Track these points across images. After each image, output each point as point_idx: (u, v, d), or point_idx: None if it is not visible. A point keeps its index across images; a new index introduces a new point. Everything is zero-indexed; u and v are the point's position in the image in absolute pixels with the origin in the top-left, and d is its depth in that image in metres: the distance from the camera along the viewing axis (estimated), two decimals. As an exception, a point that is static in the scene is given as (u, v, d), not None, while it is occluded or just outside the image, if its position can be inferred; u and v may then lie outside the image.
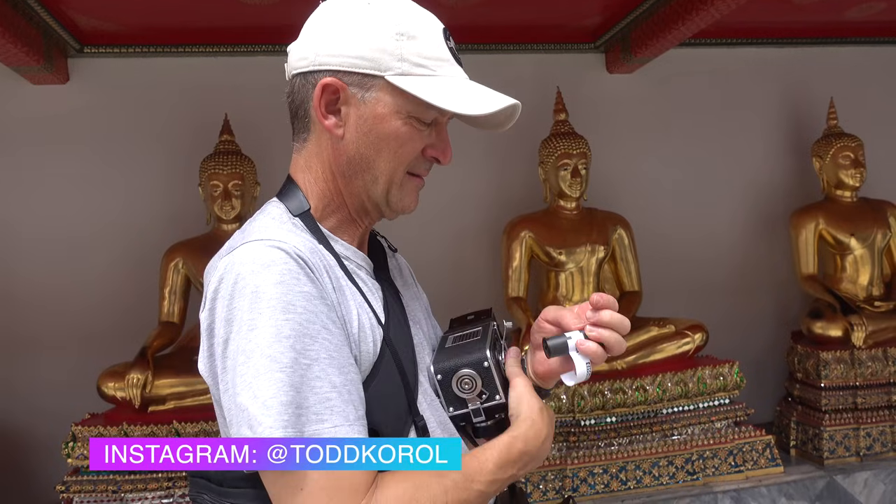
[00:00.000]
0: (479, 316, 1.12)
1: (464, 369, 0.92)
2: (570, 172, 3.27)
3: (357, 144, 0.95)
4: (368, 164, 0.95)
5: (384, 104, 0.93)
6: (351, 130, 0.94)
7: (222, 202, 3.04)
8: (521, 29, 3.55)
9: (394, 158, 0.95)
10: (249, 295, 0.83)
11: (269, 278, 0.83)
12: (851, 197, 3.56)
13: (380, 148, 0.94)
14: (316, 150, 0.98)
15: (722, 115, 3.88)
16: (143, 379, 2.77)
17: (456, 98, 0.92)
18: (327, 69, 0.93)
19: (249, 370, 0.81)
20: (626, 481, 2.91)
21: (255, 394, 0.80)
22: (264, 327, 0.81)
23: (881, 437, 3.19)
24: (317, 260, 0.89)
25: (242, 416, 0.81)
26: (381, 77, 0.92)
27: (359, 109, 0.93)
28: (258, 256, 0.85)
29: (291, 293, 0.83)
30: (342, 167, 0.97)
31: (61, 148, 3.34)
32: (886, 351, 3.24)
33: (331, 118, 0.94)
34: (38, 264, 3.30)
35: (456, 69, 0.95)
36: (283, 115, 1.03)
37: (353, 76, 0.92)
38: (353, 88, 0.93)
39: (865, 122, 3.76)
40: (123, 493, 2.69)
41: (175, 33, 3.31)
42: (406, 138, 0.94)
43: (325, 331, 0.84)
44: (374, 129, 0.94)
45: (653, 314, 3.33)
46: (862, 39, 3.99)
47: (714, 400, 3.05)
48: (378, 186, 0.97)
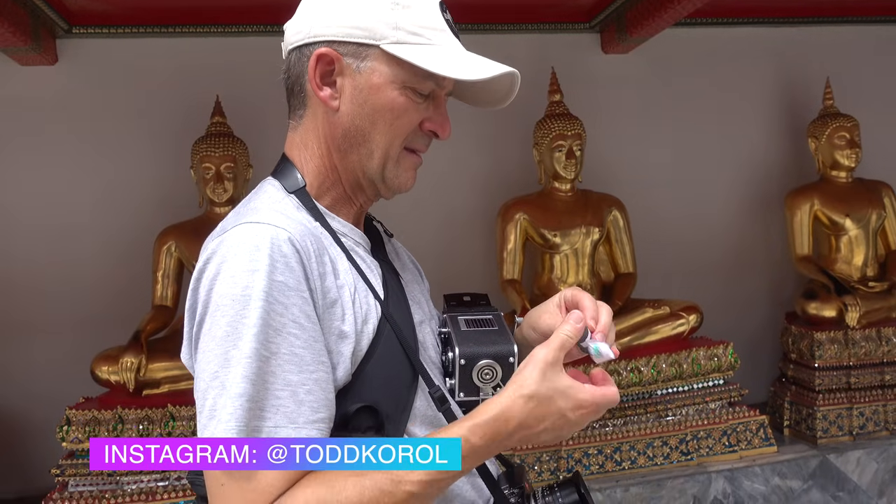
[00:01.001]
0: (475, 299, 1.11)
1: (488, 359, 0.91)
2: (565, 154, 3.25)
3: (352, 116, 0.93)
4: (364, 136, 0.94)
5: (380, 74, 0.91)
6: (346, 102, 0.93)
7: (214, 185, 3.02)
8: (515, 8, 3.51)
9: (389, 131, 0.93)
10: (228, 280, 0.82)
11: (249, 265, 0.82)
12: (847, 177, 3.56)
13: (375, 120, 0.93)
14: (312, 125, 0.97)
15: (717, 95, 3.86)
16: (136, 362, 2.76)
17: (453, 65, 0.90)
18: (322, 40, 0.91)
19: (214, 357, 0.81)
20: (620, 462, 2.92)
21: (217, 380, 0.80)
22: (234, 315, 0.81)
23: (874, 417, 3.21)
24: (308, 243, 0.87)
25: (204, 402, 0.81)
26: (376, 46, 0.90)
27: (354, 80, 0.92)
28: (244, 241, 0.84)
29: (266, 282, 0.81)
30: (338, 141, 0.95)
31: (50, 129, 3.30)
32: (880, 331, 3.25)
33: (326, 90, 0.93)
34: (28, 247, 3.28)
35: (453, 40, 0.94)
36: (276, 96, 1.02)
37: (348, 46, 0.91)
38: (348, 59, 0.92)
39: (861, 102, 3.75)
40: (118, 476, 2.69)
41: (165, 13, 3.26)
42: (402, 109, 0.93)
43: (294, 324, 0.82)
44: (370, 99, 0.92)
45: (647, 296, 3.33)
46: (859, 19, 3.96)
47: (708, 381, 3.06)
48: (373, 161, 0.95)
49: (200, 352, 0.83)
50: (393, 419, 0.89)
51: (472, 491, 0.96)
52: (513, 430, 0.81)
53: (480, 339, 0.95)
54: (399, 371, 0.91)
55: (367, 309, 0.91)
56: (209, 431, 0.80)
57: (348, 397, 0.87)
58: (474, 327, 0.99)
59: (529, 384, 0.81)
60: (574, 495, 0.92)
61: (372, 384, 0.88)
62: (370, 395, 0.87)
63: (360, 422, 0.86)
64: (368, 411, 0.87)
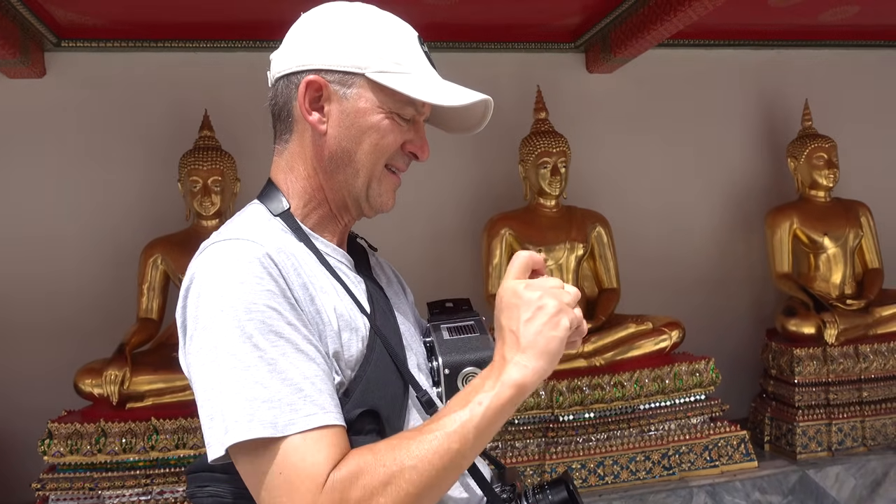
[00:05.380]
0: (458, 304, 1.13)
1: (471, 367, 0.94)
2: (550, 171, 3.30)
3: (339, 139, 0.99)
4: (350, 157, 0.99)
5: (366, 99, 0.98)
6: (333, 126, 0.98)
7: (202, 198, 3.03)
8: (501, 28, 3.56)
9: (374, 151, 0.99)
10: (214, 294, 0.85)
11: (234, 277, 0.85)
12: (825, 197, 3.63)
13: (360, 140, 0.98)
14: (299, 149, 1.02)
15: (699, 115, 3.93)
16: (120, 375, 2.75)
17: (431, 91, 0.97)
18: (310, 69, 0.97)
19: (215, 367, 0.83)
20: (603, 476, 2.94)
21: (220, 389, 0.82)
22: (228, 326, 0.83)
23: (852, 433, 3.25)
24: (284, 259, 0.90)
25: (210, 410, 0.83)
26: (361, 74, 0.97)
27: (341, 105, 0.98)
28: (225, 256, 0.88)
29: (254, 292, 0.85)
30: (324, 162, 1.00)
31: (38, 142, 3.30)
32: (857, 348, 3.30)
33: (315, 114, 0.98)
34: (15, 259, 3.26)
35: (430, 70, 1.01)
36: (264, 111, 1.05)
37: (334, 74, 0.97)
38: (334, 86, 0.97)
39: (839, 123, 3.83)
40: (100, 491, 2.67)
41: (154, 27, 3.28)
42: (386, 130, 0.99)
43: (290, 326, 0.85)
44: (356, 122, 0.98)
45: (630, 311, 3.37)
46: (836, 43, 4.06)
47: (690, 396, 3.09)
48: (359, 180, 1.00)
49: (202, 365, 0.85)
50: (392, 424, 0.93)
51: (465, 492, 0.98)
52: (509, 342, 0.86)
53: (463, 347, 0.99)
54: (392, 380, 0.95)
55: (354, 323, 0.94)
56: (231, 437, 0.81)
57: (348, 405, 0.90)
58: (456, 335, 1.02)
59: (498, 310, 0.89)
60: (563, 493, 0.94)
61: (371, 392, 0.92)
62: (371, 401, 0.91)
63: (363, 425, 0.89)
64: (370, 415, 0.90)
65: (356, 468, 0.80)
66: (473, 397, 0.83)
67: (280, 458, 0.80)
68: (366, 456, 0.81)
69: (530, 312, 0.86)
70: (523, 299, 0.87)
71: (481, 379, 0.85)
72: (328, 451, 0.81)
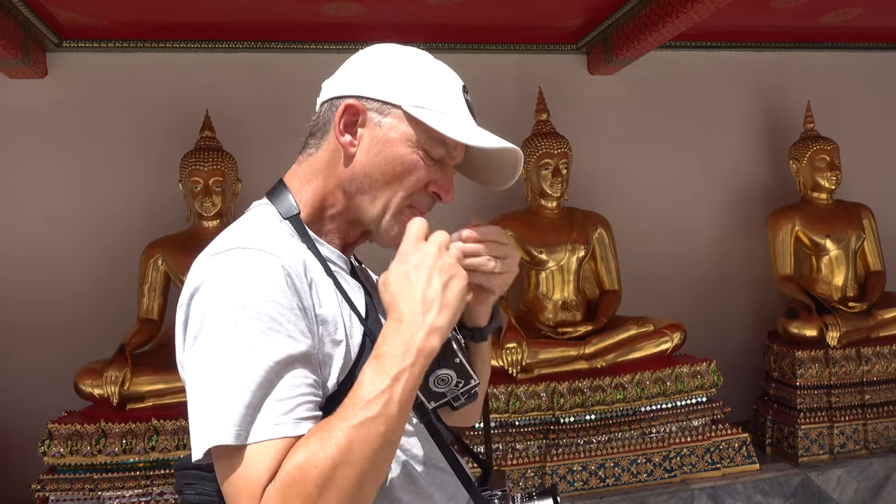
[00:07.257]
0: None
1: (438, 370, 0.94)
2: (552, 172, 3.29)
3: (364, 164, 1.00)
4: (372, 184, 1.01)
5: (398, 130, 0.99)
6: (363, 150, 1.00)
7: (203, 199, 3.02)
8: (503, 29, 3.56)
9: (397, 183, 1.00)
10: (226, 301, 0.86)
11: (246, 286, 0.86)
12: (827, 199, 3.62)
13: (385, 170, 1.00)
14: (323, 165, 1.03)
15: (701, 116, 3.93)
16: (121, 376, 2.75)
17: (464, 133, 0.99)
18: (352, 94, 1.00)
19: (212, 371, 0.84)
20: (604, 478, 2.93)
21: (210, 393, 0.83)
22: (233, 333, 0.84)
23: (854, 436, 3.24)
24: (299, 267, 0.92)
25: (196, 411, 0.85)
26: (398, 106, 0.99)
27: (374, 132, 1.00)
28: (240, 264, 0.89)
29: (261, 301, 0.86)
30: (345, 183, 1.02)
31: (39, 142, 3.30)
32: (860, 351, 3.30)
33: (347, 136, 1.00)
34: (15, 259, 3.26)
35: (468, 117, 1.03)
36: (265, 111, 1.06)
37: (374, 102, 1.00)
38: (372, 113, 1.00)
39: (841, 125, 3.83)
40: (100, 492, 2.67)
41: (155, 28, 3.28)
42: (412, 166, 1.00)
43: (289, 338, 0.86)
44: (384, 151, 1.00)
45: (632, 313, 3.36)
46: (838, 45, 4.06)
47: (691, 398, 3.09)
48: (374, 208, 1.02)
49: (197, 366, 0.87)
50: None
51: (445, 497, 1.00)
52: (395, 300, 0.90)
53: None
54: None
55: (352, 325, 0.96)
56: (207, 440, 0.83)
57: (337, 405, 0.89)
58: None
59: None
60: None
61: None
62: None
63: None
64: None
65: (288, 478, 0.79)
66: (392, 371, 0.84)
67: (235, 467, 0.81)
68: (298, 457, 0.80)
69: (418, 276, 0.90)
70: (406, 258, 0.92)
71: (392, 350, 0.86)
72: (272, 462, 0.81)
